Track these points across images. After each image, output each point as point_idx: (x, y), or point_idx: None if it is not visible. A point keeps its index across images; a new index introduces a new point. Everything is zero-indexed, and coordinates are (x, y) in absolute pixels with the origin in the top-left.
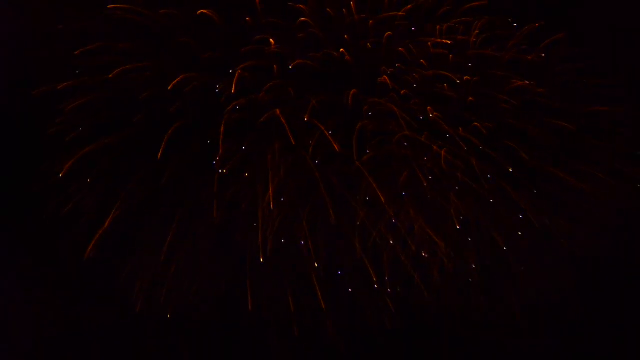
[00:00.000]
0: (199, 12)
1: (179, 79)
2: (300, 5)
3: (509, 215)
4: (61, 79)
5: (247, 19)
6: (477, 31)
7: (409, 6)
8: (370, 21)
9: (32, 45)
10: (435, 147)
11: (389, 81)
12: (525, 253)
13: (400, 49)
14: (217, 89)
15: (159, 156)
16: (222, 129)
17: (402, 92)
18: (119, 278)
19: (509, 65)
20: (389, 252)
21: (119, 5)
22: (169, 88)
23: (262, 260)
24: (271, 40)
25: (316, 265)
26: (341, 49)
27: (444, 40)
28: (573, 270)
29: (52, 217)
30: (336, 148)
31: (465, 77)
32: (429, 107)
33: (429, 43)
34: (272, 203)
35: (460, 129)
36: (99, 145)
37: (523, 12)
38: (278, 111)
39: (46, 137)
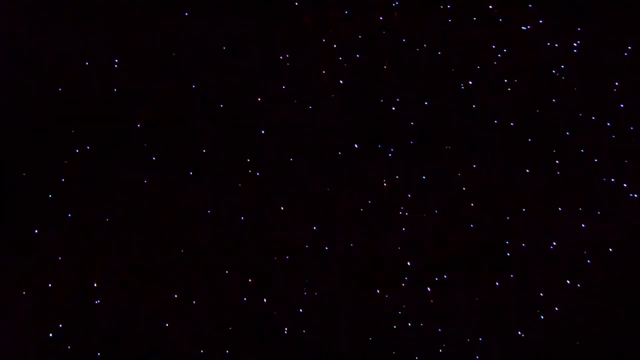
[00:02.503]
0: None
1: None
2: (336, 12)
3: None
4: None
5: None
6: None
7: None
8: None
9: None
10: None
11: (422, 88)
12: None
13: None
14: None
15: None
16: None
17: (438, 101)
18: None
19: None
20: None
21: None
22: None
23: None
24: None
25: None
26: (385, 61)
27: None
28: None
29: None
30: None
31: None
32: (461, 115)
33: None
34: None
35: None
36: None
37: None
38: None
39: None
